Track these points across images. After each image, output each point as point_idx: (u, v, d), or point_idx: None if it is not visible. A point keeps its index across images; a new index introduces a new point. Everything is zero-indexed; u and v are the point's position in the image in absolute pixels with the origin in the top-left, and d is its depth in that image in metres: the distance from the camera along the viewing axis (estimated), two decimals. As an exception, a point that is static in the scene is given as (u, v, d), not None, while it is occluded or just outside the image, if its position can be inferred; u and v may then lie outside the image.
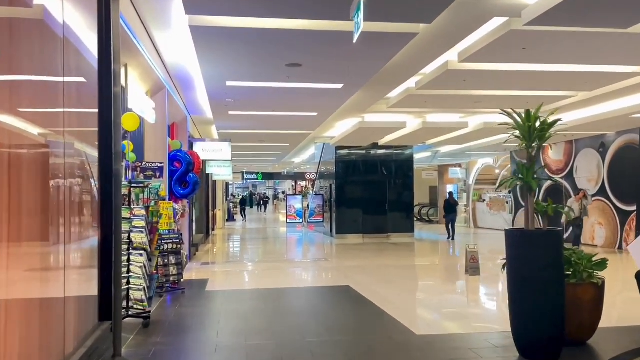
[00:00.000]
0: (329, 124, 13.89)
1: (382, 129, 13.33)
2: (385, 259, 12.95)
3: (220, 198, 26.42)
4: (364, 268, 11.30)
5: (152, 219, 6.22)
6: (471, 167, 25.44)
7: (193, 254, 13.57)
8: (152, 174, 6.39)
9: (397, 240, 17.85)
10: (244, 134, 14.26)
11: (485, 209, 24.31)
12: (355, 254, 14.06)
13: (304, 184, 54.78)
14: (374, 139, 16.00)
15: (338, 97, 9.27)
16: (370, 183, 19.26)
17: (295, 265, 12.28)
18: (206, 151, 12.38)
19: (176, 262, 8.39)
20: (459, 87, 9.52)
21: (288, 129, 13.49)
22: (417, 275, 10.88)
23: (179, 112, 11.20)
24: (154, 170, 6.42)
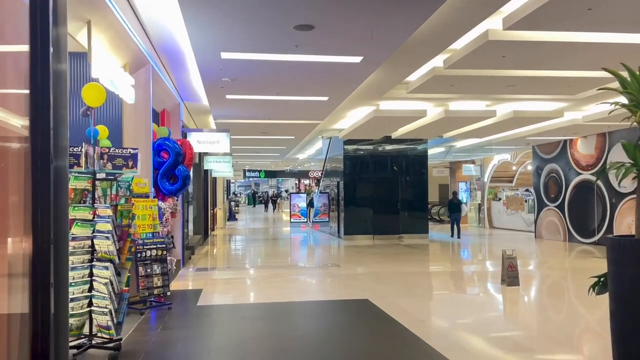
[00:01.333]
0: (340, 113, 12.45)
1: (399, 119, 11.89)
2: (402, 265, 11.53)
3: (220, 196, 25.05)
4: (381, 276, 9.89)
5: (122, 220, 4.81)
6: (486, 163, 24.00)
7: (187, 257, 12.18)
8: (122, 163, 4.99)
9: (410, 242, 16.45)
10: (244, 124, 12.84)
11: (502, 208, 22.89)
12: (368, 258, 12.65)
13: (308, 182, 53.57)
14: (388, 131, 14.56)
15: (355, 74, 7.84)
16: (380, 180, 17.86)
17: (303, 271, 10.86)
18: (202, 143, 10.99)
19: (161, 272, 6.99)
20: (495, 64, 8.08)
21: (294, 118, 12.05)
22: (444, 284, 9.46)
23: (170, 97, 9.80)
24: (125, 158, 5.02)
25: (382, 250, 14.24)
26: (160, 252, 7.02)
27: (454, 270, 11.20)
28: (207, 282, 9.44)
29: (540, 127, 13.89)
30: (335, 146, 18.37)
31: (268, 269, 10.91)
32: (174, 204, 9.60)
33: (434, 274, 10.42)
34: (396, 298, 7.61)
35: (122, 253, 4.77)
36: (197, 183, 16.23)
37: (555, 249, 14.74)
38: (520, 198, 21.99)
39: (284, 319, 6.54)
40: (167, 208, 7.61)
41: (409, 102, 11.24)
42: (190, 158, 7.76)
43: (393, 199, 17.81)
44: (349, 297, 7.82)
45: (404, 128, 13.83)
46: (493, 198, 24.00)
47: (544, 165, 17.71)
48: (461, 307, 7.28)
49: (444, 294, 8.44)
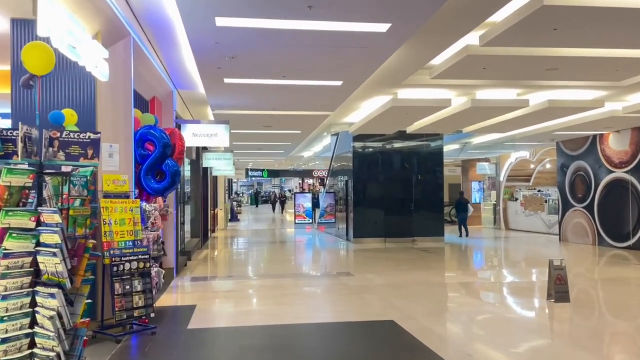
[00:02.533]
0: (352, 103, 11.18)
1: (419, 109, 10.58)
2: (423, 273, 10.24)
3: (221, 196, 23.81)
4: (402, 287, 8.61)
5: (75, 230, 3.55)
6: (502, 161, 22.66)
7: (183, 264, 10.93)
8: (79, 152, 3.73)
9: (425, 245, 15.17)
10: (245, 116, 11.55)
11: (519, 208, 21.59)
12: (382, 264, 11.37)
13: (311, 181, 52.32)
14: (404, 125, 13.26)
15: (378, 49, 6.55)
16: (392, 179, 16.59)
17: (311, 281, 9.59)
18: (198, 136, 9.73)
19: (143, 289, 5.73)
20: (542, 39, 6.80)
21: (301, 108, 10.74)
22: (480, 300, 8.16)
23: (161, 83, 8.55)
24: (83, 144, 3.76)
25: (396, 254, 12.95)
26: (142, 265, 5.76)
27: (485, 281, 9.90)
28: (203, 295, 8.18)
29: (572, 120, 12.58)
30: (344, 142, 17.10)
31: (272, 278, 9.64)
32: (164, 206, 8.36)
33: (464, 286, 9.14)
34: (427, 319, 6.34)
35: (76, 274, 3.51)
36: (195, 181, 14.99)
37: (586, 254, 13.43)
38: (540, 198, 20.69)
39: (293, 349, 5.27)
40: (154, 210, 6.34)
41: (431, 90, 9.96)
42: (181, 151, 6.49)
43: (406, 199, 16.54)
44: (370, 316, 6.54)
45: (423, 121, 12.53)
46: (509, 198, 22.68)
47: (569, 163, 16.39)
48: (511, 332, 5.99)
49: (485, 314, 7.14)
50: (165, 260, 9.48)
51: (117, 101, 5.88)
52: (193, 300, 7.76)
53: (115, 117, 5.86)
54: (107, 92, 5.80)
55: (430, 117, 12.12)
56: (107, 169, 5.75)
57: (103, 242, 5.54)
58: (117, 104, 5.88)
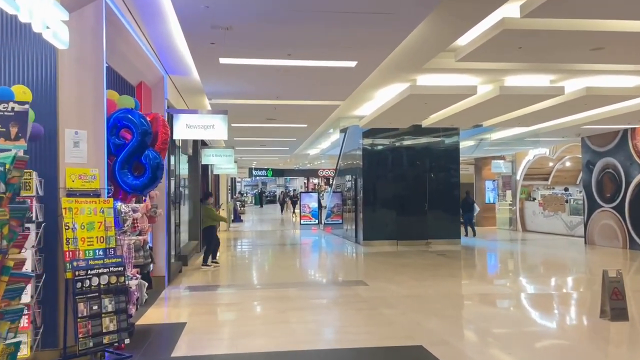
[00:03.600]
0: (364, 92, 10.07)
1: (441, 98, 9.44)
2: (447, 281, 9.13)
3: (224, 195, 22.75)
4: (426, 300, 7.50)
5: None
6: (519, 159, 21.47)
7: (177, 271, 9.86)
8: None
9: (440, 248, 14.06)
10: (246, 107, 10.45)
11: (537, 209, 20.40)
12: (398, 271, 10.25)
13: (317, 181, 51.22)
14: (420, 117, 12.12)
15: (401, 20, 5.45)
16: (405, 177, 15.47)
17: (321, 292, 8.47)
18: (192, 127, 8.64)
19: (116, 309, 4.64)
20: (592, 11, 5.70)
21: (309, 96, 9.62)
22: (520, 316, 7.03)
23: (149, 66, 7.47)
24: (3, 120, 2.68)
25: (411, 259, 11.83)
26: (115, 279, 4.67)
27: (520, 293, 8.74)
28: (196, 309, 7.09)
29: (605, 112, 11.42)
30: (353, 138, 15.98)
31: (276, 288, 8.55)
32: (151, 206, 7.28)
33: (497, 298, 8.01)
34: (464, 344, 5.23)
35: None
36: (193, 180, 13.93)
37: (619, 259, 12.24)
38: (560, 197, 19.51)
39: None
40: (131, 212, 5.25)
41: (454, 76, 8.83)
42: (165, 140, 5.40)
43: (420, 199, 15.40)
44: (393, 340, 5.42)
45: (441, 113, 11.39)
46: (526, 198, 21.51)
47: (596, 160, 15.21)
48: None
49: (533, 337, 6.00)
50: (155, 268, 8.41)
51: (84, 78, 4.80)
52: (183, 316, 6.68)
53: (83, 97, 4.78)
54: (72, 67, 4.71)
55: (451, 108, 10.98)
56: (72, 160, 4.67)
57: (65, 251, 4.46)
58: (84, 81, 4.80)
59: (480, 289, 8.88)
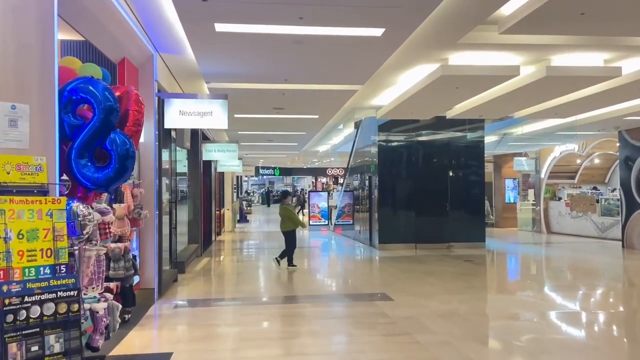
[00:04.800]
0: (386, 76, 8.77)
1: (475, 80, 8.09)
2: (487, 295, 7.83)
3: (229, 195, 21.52)
4: (469, 321, 6.20)
5: None
6: (543, 156, 20.03)
7: (171, 280, 8.62)
8: None
9: (463, 253, 12.74)
10: (250, 93, 9.13)
11: (563, 209, 18.99)
12: (425, 281, 8.95)
13: (325, 180, 49.96)
14: (445, 106, 10.80)
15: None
16: (424, 175, 14.13)
17: (339, 309, 7.13)
18: (186, 114, 7.39)
19: (67, 350, 3.38)
20: None
21: (323, 79, 8.29)
22: (606, 343, 5.71)
23: (133, 40, 6.23)
24: None
25: (435, 266, 10.50)
26: (65, 308, 3.41)
27: (584, 310, 7.40)
28: (187, 333, 5.82)
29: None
30: (367, 133, 14.68)
31: (286, 303, 7.26)
32: (134, 207, 6.03)
33: (560, 319, 6.68)
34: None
35: None
36: (193, 177, 12.69)
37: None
38: (590, 197, 18.08)
39: None
40: (90, 215, 3.96)
41: (493, 54, 7.51)
42: (138, 120, 4.11)
43: (440, 198, 14.08)
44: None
45: (470, 101, 10.06)
46: (551, 197, 20.09)
47: (636, 156, 13.81)
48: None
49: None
50: (142, 279, 7.16)
51: (26, 33, 3.54)
52: (170, 342, 5.42)
53: (23, 60, 3.52)
54: (8, 17, 3.46)
55: (481, 96, 9.65)
56: (6, 145, 3.42)
57: (-8, 270, 3.21)
58: (26, 37, 3.54)
59: (532, 305, 7.52)
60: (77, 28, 5.47)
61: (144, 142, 7.17)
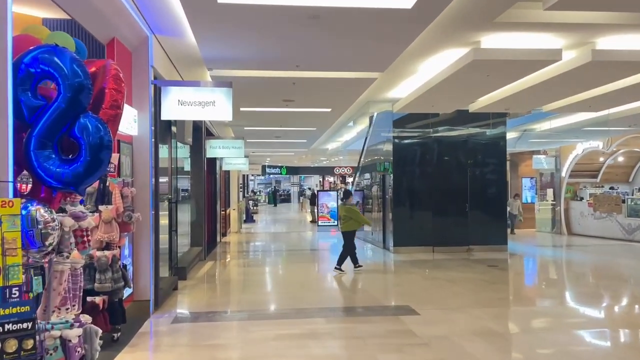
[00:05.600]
0: (406, 64, 7.93)
1: (512, 66, 7.19)
2: (526, 307, 6.95)
3: (234, 194, 20.72)
4: (515, 344, 5.33)
5: None
6: (564, 153, 19.07)
7: (171, 288, 7.82)
8: None
9: (485, 256, 11.89)
10: (257, 81, 8.30)
11: (585, 209, 18.02)
12: (450, 290, 8.08)
13: (333, 179, 49.11)
14: (472, 97, 9.92)
15: None
16: (442, 173, 13.27)
17: (358, 326, 6.24)
18: (186, 105, 6.56)
19: (15, 401, 2.54)
20: None
21: (338, 64, 7.40)
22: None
23: (124, 18, 5.44)
24: None
25: (458, 272, 9.62)
26: (15, 345, 2.59)
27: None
28: (184, 357, 5.00)
29: None
30: (381, 129, 13.80)
31: (298, 318, 6.41)
32: (124, 209, 5.21)
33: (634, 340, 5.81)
34: None
35: None
36: (196, 175, 11.89)
37: None
38: (615, 197, 17.13)
39: None
40: (54, 222, 3.12)
41: (532, 36, 6.64)
42: (116, 102, 3.23)
43: (459, 198, 13.20)
44: None
45: (497, 93, 9.18)
46: (572, 197, 19.14)
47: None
48: None
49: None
50: (137, 290, 6.36)
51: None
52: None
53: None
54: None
55: (513, 86, 8.76)
56: (-63, 131, 2.60)
57: None
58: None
59: (580, 321, 6.64)
60: (59, 2, 4.67)
61: (139, 135, 6.38)
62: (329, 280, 9.81)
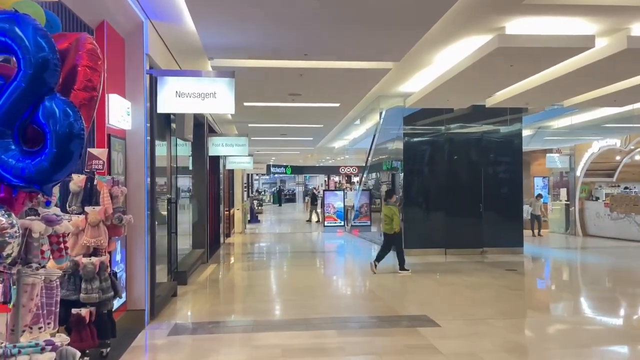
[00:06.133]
0: (422, 54, 7.36)
1: (539, 53, 6.58)
2: (560, 316, 6.36)
3: (239, 194, 20.22)
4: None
5: None
6: (578, 152, 18.44)
7: (169, 294, 7.28)
8: None
9: (500, 259, 11.34)
10: (262, 73, 7.77)
11: (601, 210, 17.39)
12: (472, 298, 7.51)
13: (338, 179, 48.54)
14: (490, 90, 9.34)
15: None
16: (455, 172, 12.73)
17: (376, 341, 5.62)
18: (184, 96, 6.02)
19: None
20: None
21: (350, 53, 6.82)
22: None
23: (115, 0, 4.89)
24: None
25: (475, 277, 9.04)
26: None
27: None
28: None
29: None
30: (390, 126, 13.22)
31: (307, 330, 5.84)
32: (114, 210, 4.67)
33: None
34: None
35: None
36: (198, 173, 11.36)
37: None
38: (634, 197, 16.51)
39: None
40: (12, 229, 2.59)
41: (562, 20, 6.06)
42: (90, 82, 2.68)
43: (473, 198, 12.64)
44: None
45: (523, 84, 8.58)
46: (587, 197, 18.51)
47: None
48: None
49: None
50: (130, 299, 5.83)
51: None
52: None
53: None
54: None
55: (535, 78, 8.17)
56: None
57: None
58: None
59: (624, 334, 6.05)
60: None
61: (133, 130, 5.84)
62: (337, 286, 9.26)
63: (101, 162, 4.80)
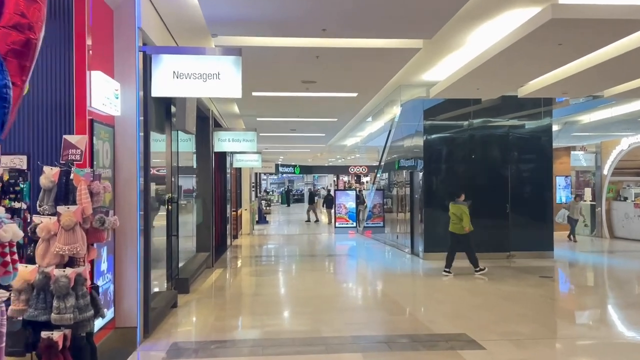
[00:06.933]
0: (455, 33, 6.43)
1: (599, 26, 5.63)
2: (618, 337, 5.43)
3: (246, 193, 19.36)
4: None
5: None
6: (605, 149, 17.38)
7: (169, 305, 6.41)
8: None
9: (529, 264, 10.45)
10: (272, 54, 6.84)
11: (630, 210, 16.34)
12: (511, 311, 6.57)
13: (347, 178, 47.62)
14: (528, 76, 8.34)
15: None
16: (479, 171, 11.76)
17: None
18: (184, 77, 5.15)
19: None
20: None
21: (376, 28, 5.87)
22: None
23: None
24: None
25: (509, 286, 8.10)
26: None
27: None
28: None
29: None
30: (408, 121, 12.30)
31: (326, 353, 4.94)
32: (94, 211, 3.80)
33: None
34: None
35: None
36: (203, 171, 10.50)
37: None
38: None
39: None
40: None
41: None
42: (21, 16, 1.84)
43: (499, 199, 11.68)
44: None
45: (563, 70, 7.62)
46: (614, 197, 17.47)
47: None
48: None
49: None
50: (120, 315, 4.95)
51: None
52: None
53: None
54: None
55: (578, 63, 7.21)
56: None
57: None
58: None
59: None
60: None
61: (123, 116, 4.96)
62: (355, 295, 8.35)
63: (79, 152, 3.93)
